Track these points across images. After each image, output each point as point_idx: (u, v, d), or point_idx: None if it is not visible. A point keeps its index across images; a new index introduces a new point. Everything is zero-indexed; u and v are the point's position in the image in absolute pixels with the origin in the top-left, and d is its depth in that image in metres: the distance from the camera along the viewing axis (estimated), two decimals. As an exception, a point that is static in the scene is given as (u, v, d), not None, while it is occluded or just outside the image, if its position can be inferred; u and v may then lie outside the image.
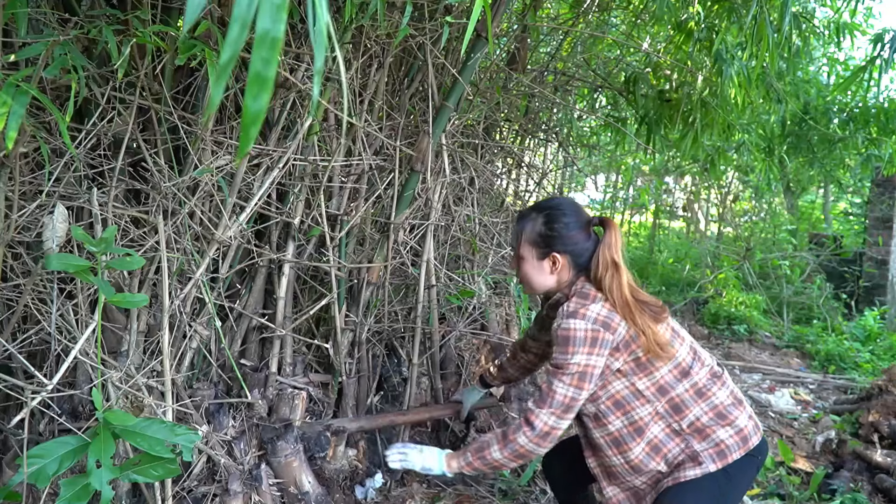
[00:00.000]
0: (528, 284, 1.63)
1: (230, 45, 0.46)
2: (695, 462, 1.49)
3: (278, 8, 0.46)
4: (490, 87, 3.02)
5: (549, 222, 1.54)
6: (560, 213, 1.55)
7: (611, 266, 1.48)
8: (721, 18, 2.78)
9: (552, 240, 1.54)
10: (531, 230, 1.56)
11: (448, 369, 2.79)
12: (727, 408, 1.53)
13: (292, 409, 2.11)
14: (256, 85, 0.48)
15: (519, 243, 1.59)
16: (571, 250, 1.53)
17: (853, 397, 3.78)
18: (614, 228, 1.53)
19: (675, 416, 1.51)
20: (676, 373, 1.51)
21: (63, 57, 1.50)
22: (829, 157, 5.83)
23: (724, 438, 1.50)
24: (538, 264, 1.57)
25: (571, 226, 1.54)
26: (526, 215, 1.59)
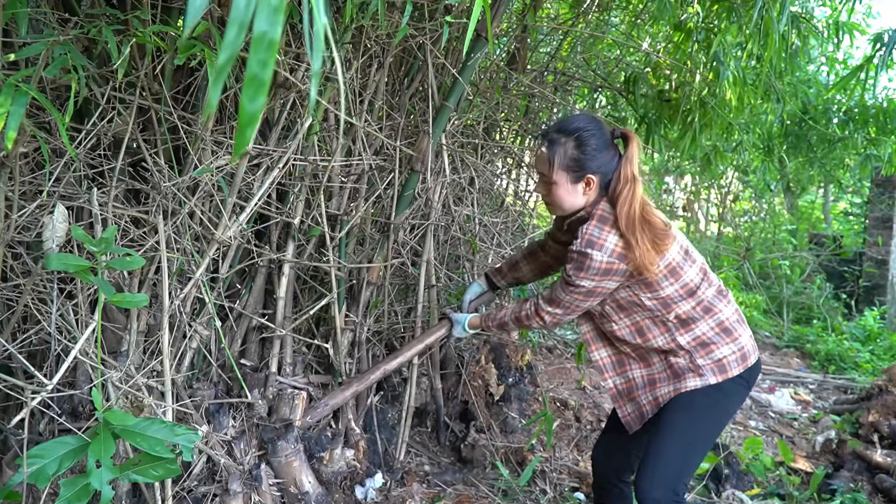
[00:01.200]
0: (559, 207, 1.62)
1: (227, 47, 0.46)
2: (695, 373, 1.58)
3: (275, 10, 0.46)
4: (490, 87, 3.02)
5: (581, 145, 1.52)
6: (589, 133, 1.53)
7: (630, 181, 1.49)
8: (721, 19, 2.78)
9: (586, 162, 1.52)
10: (563, 155, 1.53)
11: (448, 369, 2.79)
12: (732, 324, 1.60)
13: (292, 409, 2.10)
14: (253, 86, 0.48)
15: (551, 169, 1.55)
16: (602, 170, 1.53)
17: (853, 397, 3.78)
18: (635, 140, 1.53)
19: (682, 330, 1.58)
20: (683, 292, 1.55)
21: (63, 57, 1.50)
22: (828, 157, 5.83)
23: (727, 354, 1.57)
24: (572, 188, 1.55)
25: (601, 146, 1.53)
26: (555, 140, 1.55)
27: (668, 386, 1.61)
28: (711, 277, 1.63)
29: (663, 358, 1.63)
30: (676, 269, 1.54)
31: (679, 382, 1.59)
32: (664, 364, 1.63)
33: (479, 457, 2.61)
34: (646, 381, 1.67)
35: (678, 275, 1.54)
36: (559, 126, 1.57)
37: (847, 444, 2.91)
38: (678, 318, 1.57)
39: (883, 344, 5.26)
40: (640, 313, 1.60)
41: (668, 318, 1.58)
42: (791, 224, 8.62)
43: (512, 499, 2.40)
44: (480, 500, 2.39)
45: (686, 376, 1.58)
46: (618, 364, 1.72)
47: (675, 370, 1.61)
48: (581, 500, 2.45)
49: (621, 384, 1.72)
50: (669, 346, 1.59)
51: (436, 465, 2.63)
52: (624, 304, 1.60)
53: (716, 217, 9.61)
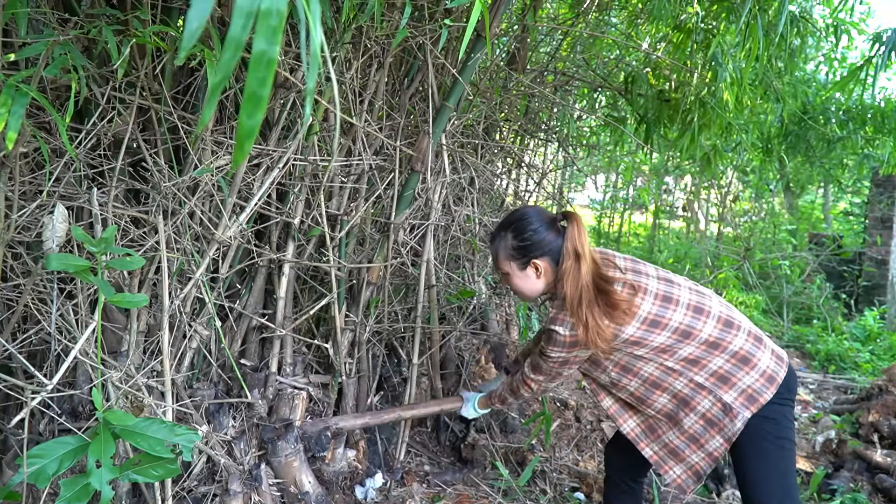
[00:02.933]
0: (522, 295, 1.70)
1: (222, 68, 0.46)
2: (730, 415, 1.53)
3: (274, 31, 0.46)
4: (490, 87, 3.02)
5: (519, 234, 1.60)
6: (525, 222, 1.60)
7: (572, 256, 1.53)
8: (720, 19, 2.79)
9: (527, 248, 1.60)
10: (505, 247, 1.63)
11: (448, 369, 2.79)
12: (748, 351, 1.55)
13: (292, 409, 2.10)
14: (252, 103, 0.48)
15: (498, 263, 1.66)
16: (548, 251, 1.59)
17: (853, 397, 3.78)
18: (576, 220, 1.58)
19: (694, 368, 1.55)
20: (677, 336, 1.54)
21: (63, 57, 1.50)
22: (827, 157, 5.83)
23: (750, 384, 1.53)
24: (523, 274, 1.63)
25: (539, 230, 1.59)
26: (495, 236, 1.66)
27: (715, 439, 1.57)
28: (709, 311, 1.57)
29: (689, 411, 1.58)
30: (658, 321, 1.53)
31: (723, 432, 1.55)
32: (696, 416, 1.58)
33: (479, 457, 2.61)
34: (686, 441, 1.62)
35: (661, 324, 1.53)
36: (500, 222, 1.69)
37: (847, 444, 2.91)
38: (686, 360, 1.55)
39: (883, 344, 5.26)
40: (646, 367, 1.58)
41: (676, 363, 1.55)
42: (791, 224, 8.62)
43: (512, 499, 2.40)
44: (480, 500, 2.39)
45: (724, 423, 1.54)
46: (649, 431, 1.69)
47: (710, 418, 1.56)
48: (581, 499, 2.45)
49: (660, 450, 1.68)
50: (690, 387, 1.55)
51: (436, 465, 2.63)
52: (626, 365, 1.60)
53: (716, 217, 9.61)
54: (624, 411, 1.72)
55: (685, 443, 1.62)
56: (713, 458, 1.59)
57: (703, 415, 1.57)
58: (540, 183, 3.63)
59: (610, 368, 1.63)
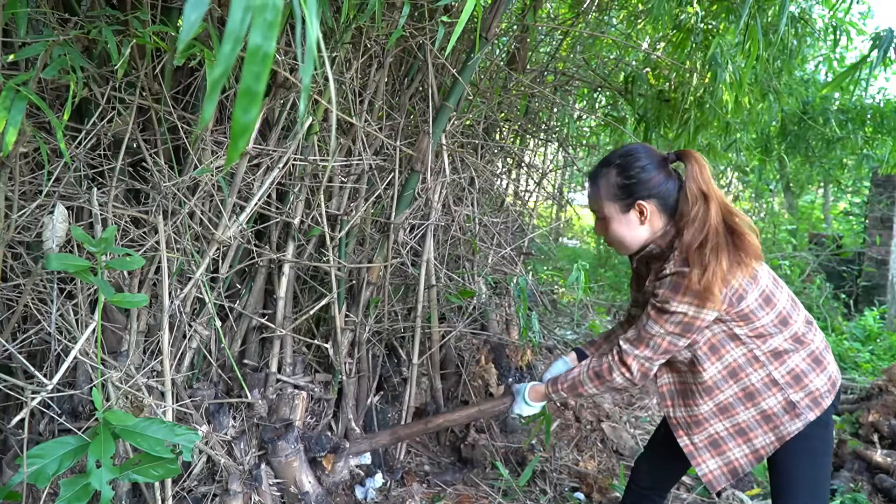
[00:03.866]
0: (621, 244, 1.51)
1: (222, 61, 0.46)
2: (792, 414, 1.45)
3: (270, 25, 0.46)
4: (490, 87, 3.02)
5: (624, 171, 1.44)
6: (632, 158, 1.45)
7: (700, 199, 1.38)
8: (720, 19, 2.79)
9: (633, 187, 1.44)
10: (608, 185, 1.46)
11: (448, 369, 2.79)
12: (822, 352, 1.50)
13: (292, 409, 2.10)
14: (246, 99, 0.48)
15: (600, 204, 1.49)
16: (657, 193, 1.43)
17: (853, 397, 3.78)
18: (695, 159, 1.42)
19: (776, 363, 1.46)
20: (777, 321, 1.45)
21: (62, 58, 1.50)
22: (826, 157, 5.83)
23: (819, 386, 1.46)
24: (625, 218, 1.46)
25: (648, 168, 1.44)
26: (597, 173, 1.48)
27: (766, 436, 1.48)
28: (798, 304, 1.53)
29: (752, 405, 1.49)
30: (770, 297, 1.45)
31: (778, 430, 1.47)
32: (754, 410, 1.49)
33: (479, 457, 2.61)
34: (733, 433, 1.52)
35: (772, 303, 1.45)
36: (603, 160, 1.50)
37: (847, 444, 2.91)
38: (772, 352, 1.46)
39: (883, 344, 5.26)
40: (734, 351, 1.47)
41: (761, 353, 1.46)
42: (791, 224, 8.62)
43: (512, 499, 2.40)
44: (480, 500, 2.39)
45: (783, 420, 1.46)
46: (694, 424, 1.56)
47: (768, 414, 1.48)
48: (581, 499, 2.45)
49: (701, 440, 1.55)
50: (764, 381, 1.47)
51: (436, 465, 2.63)
52: (717, 343, 1.47)
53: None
54: (676, 396, 1.58)
55: (731, 435, 1.51)
56: (758, 457, 1.50)
57: (764, 411, 1.48)
58: (540, 183, 3.63)
59: (700, 343, 1.47)
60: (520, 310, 3.19)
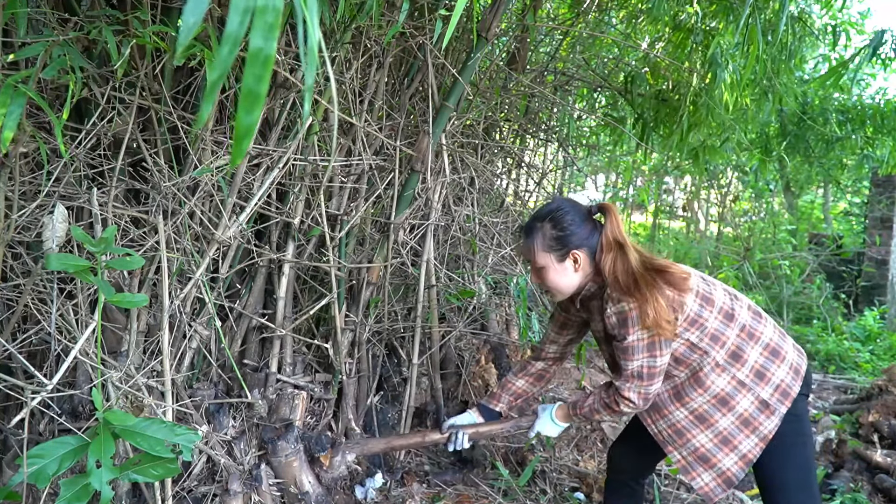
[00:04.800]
0: (557, 290, 1.63)
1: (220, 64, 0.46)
2: (767, 412, 1.52)
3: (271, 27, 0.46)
4: (490, 87, 3.02)
5: (557, 224, 1.56)
6: (563, 212, 1.57)
7: (615, 247, 1.51)
8: (719, 18, 2.79)
9: (566, 239, 1.56)
10: (543, 238, 1.58)
11: (448, 369, 2.79)
12: (776, 343, 1.57)
13: (292, 409, 2.10)
14: (249, 100, 0.48)
15: (534, 255, 1.60)
16: (586, 243, 1.56)
17: (853, 397, 3.78)
18: (613, 211, 1.56)
19: (737, 365, 1.53)
20: (722, 317, 1.53)
21: (62, 57, 1.50)
22: (826, 157, 5.83)
23: (783, 377, 1.54)
24: (561, 267, 1.58)
25: (578, 221, 1.56)
26: (531, 227, 1.60)
27: (749, 439, 1.54)
28: (738, 295, 1.61)
29: (728, 411, 1.54)
30: (707, 296, 1.54)
31: (759, 430, 1.53)
32: (733, 416, 1.54)
33: (479, 457, 2.61)
34: (718, 444, 1.57)
35: (711, 300, 1.54)
36: (535, 214, 1.63)
37: (847, 444, 2.91)
38: (730, 354, 1.53)
39: (883, 344, 5.26)
40: (697, 360, 1.55)
41: (721, 358, 1.53)
42: (791, 224, 8.62)
43: (512, 499, 2.40)
44: (480, 500, 2.39)
45: (760, 420, 1.52)
46: (677, 436, 1.62)
47: (745, 417, 1.53)
48: (581, 499, 2.45)
49: (689, 455, 1.61)
50: (732, 384, 1.53)
51: (436, 465, 2.63)
52: (679, 356, 1.56)
53: (716, 217, 9.61)
54: (652, 411, 1.66)
55: (717, 446, 1.57)
56: (746, 462, 1.55)
57: (741, 414, 1.54)
58: (540, 183, 3.63)
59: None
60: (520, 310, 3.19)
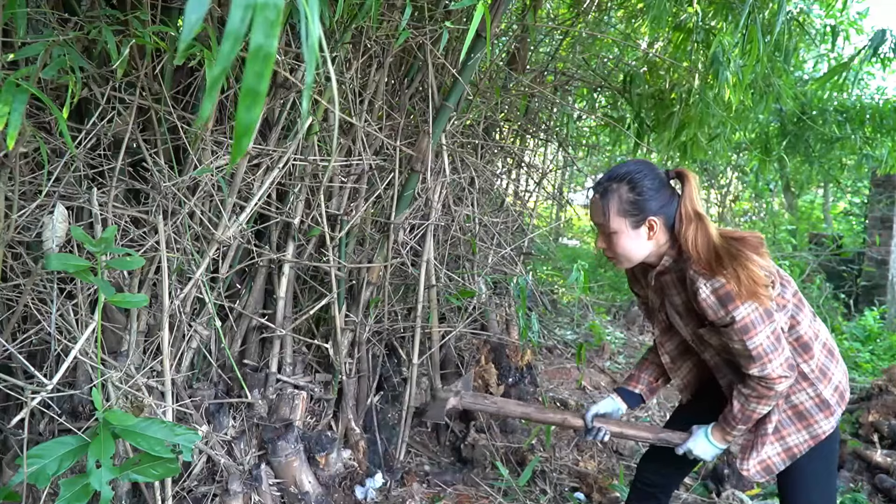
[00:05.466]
0: (626, 258, 1.50)
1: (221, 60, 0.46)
2: (827, 412, 1.46)
3: (272, 24, 0.46)
4: (490, 87, 3.02)
5: (635, 187, 1.44)
6: (641, 175, 1.45)
7: (694, 218, 1.41)
8: (719, 18, 2.79)
9: (644, 204, 1.44)
10: (619, 201, 1.44)
11: (448, 369, 2.79)
12: (832, 344, 1.51)
13: (292, 409, 2.11)
14: (249, 98, 0.48)
15: (608, 218, 1.46)
16: (664, 211, 1.45)
17: (853, 397, 3.78)
18: (691, 179, 1.44)
19: (805, 356, 1.46)
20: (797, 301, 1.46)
21: (61, 58, 1.50)
22: (825, 157, 5.83)
23: (840, 379, 1.48)
24: (635, 234, 1.46)
25: (656, 185, 1.45)
26: (606, 189, 1.46)
27: (799, 434, 1.47)
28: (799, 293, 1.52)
29: (782, 401, 1.48)
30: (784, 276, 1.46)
31: (811, 428, 1.46)
32: (786, 405, 1.48)
33: (479, 457, 2.61)
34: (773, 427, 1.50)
35: (788, 282, 1.46)
36: (610, 174, 1.49)
37: (847, 444, 2.91)
38: (798, 341, 1.45)
39: (883, 344, 5.26)
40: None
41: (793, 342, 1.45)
42: (791, 224, 8.62)
43: (512, 499, 2.40)
44: (480, 500, 2.39)
45: (816, 419, 1.46)
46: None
47: (801, 411, 1.46)
48: (581, 499, 2.45)
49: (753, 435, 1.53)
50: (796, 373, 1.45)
51: (436, 465, 2.63)
52: None
53: (716, 217, 9.61)
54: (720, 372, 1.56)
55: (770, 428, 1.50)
56: (790, 455, 1.49)
57: (795, 406, 1.48)
58: (540, 183, 3.64)
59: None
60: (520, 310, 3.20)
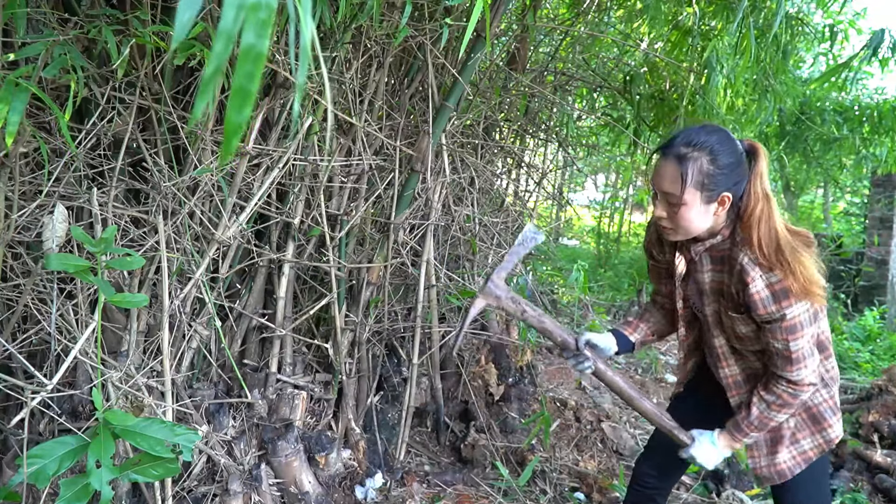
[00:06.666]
0: (685, 230, 1.38)
1: (214, 59, 0.46)
2: (838, 415, 1.44)
3: (264, 23, 0.46)
4: (490, 87, 3.02)
5: (716, 160, 1.32)
6: (725, 147, 1.33)
7: (763, 199, 1.31)
8: (718, 18, 2.79)
9: (722, 180, 1.32)
10: (698, 171, 1.31)
11: (448, 369, 2.79)
12: (833, 357, 1.47)
13: (292, 409, 2.11)
14: (240, 98, 0.48)
15: (682, 187, 1.32)
16: (737, 189, 1.34)
17: (853, 397, 3.78)
18: (764, 155, 1.36)
19: (823, 359, 1.41)
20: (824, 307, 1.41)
21: (62, 57, 1.50)
22: (825, 157, 5.83)
23: (835, 392, 1.46)
24: (704, 209, 1.34)
25: (736, 161, 1.34)
26: (685, 155, 1.32)
27: (813, 438, 1.45)
28: None
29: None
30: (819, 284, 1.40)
31: (825, 432, 1.43)
32: (800, 408, 1.44)
33: (479, 457, 2.61)
34: (779, 433, 1.48)
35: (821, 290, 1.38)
36: (688, 138, 1.35)
37: (847, 444, 2.91)
38: (820, 342, 1.39)
39: (883, 344, 5.26)
40: None
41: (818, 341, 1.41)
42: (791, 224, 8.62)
43: (512, 499, 2.40)
44: (480, 500, 2.39)
45: (830, 422, 1.42)
46: None
47: (815, 414, 1.43)
48: (581, 499, 2.45)
49: (768, 434, 1.49)
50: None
51: (436, 465, 2.63)
52: None
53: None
54: (742, 386, 1.50)
55: (790, 432, 1.47)
56: (805, 460, 1.46)
57: (810, 409, 1.44)
58: (540, 183, 3.64)
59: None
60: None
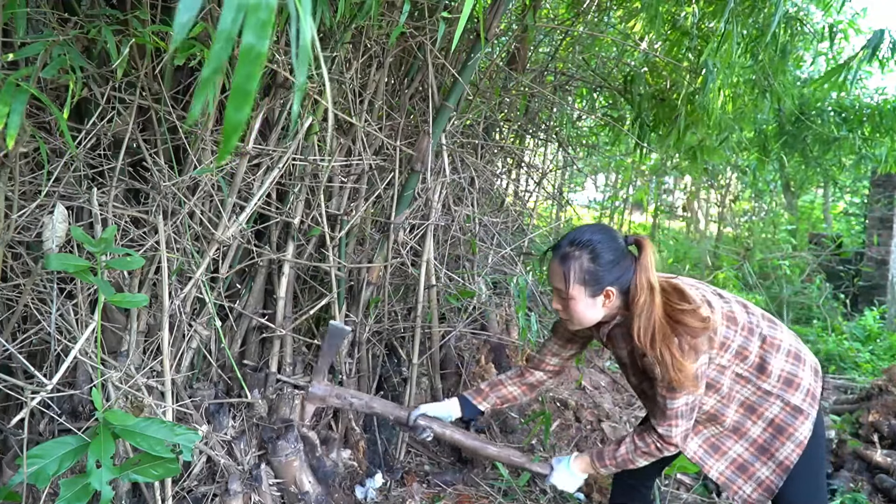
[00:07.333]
0: (578, 321, 1.53)
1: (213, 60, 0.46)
2: (802, 416, 1.50)
3: (264, 24, 0.46)
4: (490, 87, 3.02)
5: (596, 258, 1.46)
6: (602, 245, 1.46)
7: (646, 289, 1.42)
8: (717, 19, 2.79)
9: (604, 276, 1.46)
10: (579, 269, 1.46)
11: (448, 369, 2.79)
12: (797, 347, 1.55)
13: (292, 409, 2.10)
14: (239, 97, 0.48)
15: (568, 285, 1.47)
16: (621, 280, 1.46)
17: (853, 397, 3.78)
18: (649, 248, 1.47)
19: (762, 377, 1.50)
20: (745, 333, 1.49)
21: (61, 57, 1.50)
22: (824, 157, 5.83)
23: (809, 381, 1.52)
24: (591, 302, 1.48)
25: (616, 257, 1.47)
26: (567, 255, 1.48)
27: (786, 446, 1.51)
28: (749, 305, 1.57)
29: (757, 418, 1.53)
30: (731, 316, 1.50)
31: (793, 437, 1.50)
32: (764, 423, 1.52)
33: (479, 457, 2.61)
34: (755, 453, 1.55)
35: (735, 319, 1.49)
36: (572, 238, 1.50)
37: (847, 444, 2.91)
38: (754, 366, 1.50)
39: (883, 344, 5.26)
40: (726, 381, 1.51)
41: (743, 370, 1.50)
42: (791, 224, 8.63)
43: (512, 499, 2.40)
44: (480, 500, 2.39)
45: (795, 426, 1.50)
46: (713, 450, 1.59)
47: (778, 424, 1.51)
48: (581, 499, 2.45)
49: (727, 468, 1.57)
50: (757, 395, 1.51)
51: (436, 465, 2.63)
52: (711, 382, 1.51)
53: (716, 217, 9.61)
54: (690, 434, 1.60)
55: (754, 455, 1.55)
56: (784, 469, 1.52)
57: (772, 421, 1.52)
58: (540, 183, 3.64)
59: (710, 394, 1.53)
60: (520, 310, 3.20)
